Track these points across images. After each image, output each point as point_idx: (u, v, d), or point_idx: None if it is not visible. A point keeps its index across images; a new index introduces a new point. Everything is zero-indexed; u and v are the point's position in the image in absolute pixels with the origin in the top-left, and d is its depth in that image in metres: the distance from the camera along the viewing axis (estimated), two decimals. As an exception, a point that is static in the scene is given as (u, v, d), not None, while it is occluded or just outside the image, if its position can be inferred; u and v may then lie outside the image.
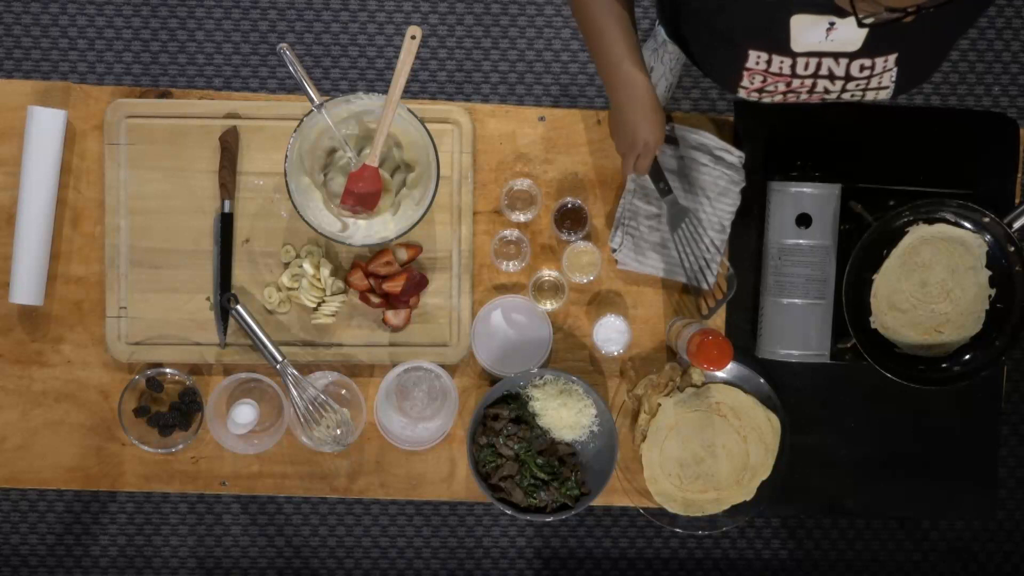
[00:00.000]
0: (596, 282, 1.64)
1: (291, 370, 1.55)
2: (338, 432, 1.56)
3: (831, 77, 1.35)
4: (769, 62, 1.33)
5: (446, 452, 1.65)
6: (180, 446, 1.58)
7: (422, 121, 1.48)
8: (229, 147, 1.57)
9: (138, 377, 1.57)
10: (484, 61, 2.49)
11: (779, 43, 1.30)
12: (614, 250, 1.62)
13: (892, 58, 1.31)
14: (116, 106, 1.58)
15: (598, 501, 1.59)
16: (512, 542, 2.56)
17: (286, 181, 1.46)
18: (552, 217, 1.61)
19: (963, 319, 1.56)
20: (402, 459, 1.65)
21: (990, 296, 1.56)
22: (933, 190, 1.59)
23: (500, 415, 1.57)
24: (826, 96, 1.40)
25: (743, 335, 1.64)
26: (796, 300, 1.57)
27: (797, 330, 1.58)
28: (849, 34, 1.27)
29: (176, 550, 2.54)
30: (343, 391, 1.60)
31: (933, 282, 1.55)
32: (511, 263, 1.60)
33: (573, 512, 1.57)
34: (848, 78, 1.34)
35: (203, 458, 1.65)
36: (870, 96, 1.40)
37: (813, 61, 1.32)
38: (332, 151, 1.56)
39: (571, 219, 1.60)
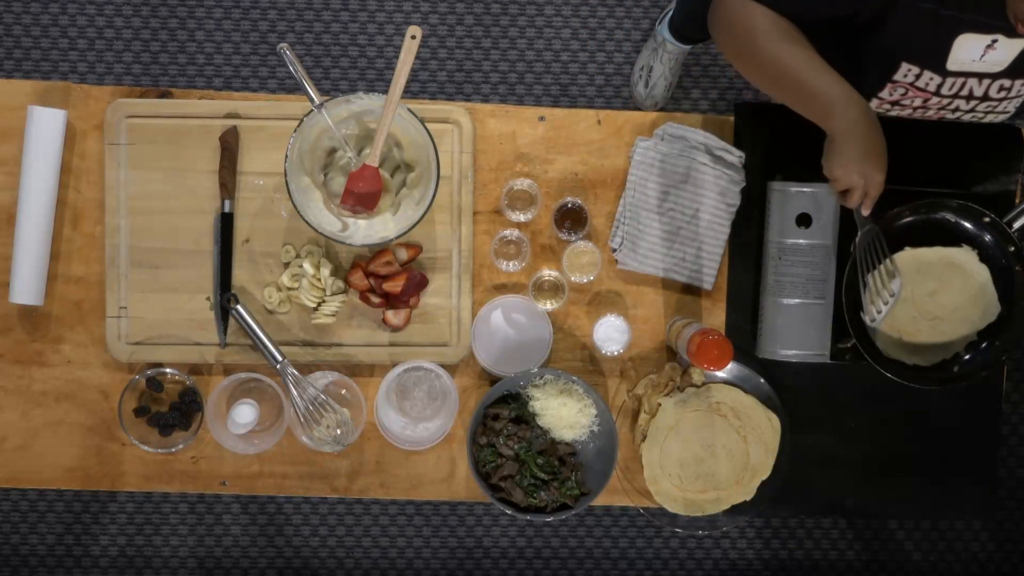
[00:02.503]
0: (596, 282, 1.64)
1: (291, 370, 1.55)
2: (338, 432, 1.56)
3: (969, 97, 1.35)
4: (918, 76, 1.32)
5: (446, 452, 1.65)
6: (180, 446, 1.58)
7: (422, 121, 1.48)
8: (229, 147, 1.58)
9: (138, 377, 1.57)
10: (484, 61, 2.49)
11: (935, 60, 1.29)
12: (614, 250, 1.62)
13: None
14: (116, 106, 1.58)
15: (598, 501, 1.59)
16: (512, 542, 2.56)
17: (286, 181, 1.46)
18: (552, 217, 1.61)
19: (950, 327, 1.57)
20: (402, 459, 1.65)
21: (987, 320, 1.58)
22: (933, 190, 1.59)
23: (500, 415, 1.57)
24: (949, 115, 1.41)
25: (743, 335, 1.64)
26: (796, 300, 1.57)
27: (797, 330, 1.58)
28: (1002, 55, 1.27)
29: (176, 550, 2.54)
30: (343, 391, 1.60)
31: (920, 294, 1.56)
32: (511, 263, 1.60)
33: (573, 512, 1.57)
34: (984, 98, 1.35)
35: (203, 458, 1.65)
36: (989, 119, 1.41)
37: (960, 81, 1.32)
38: (332, 151, 1.56)
39: (571, 219, 1.60)
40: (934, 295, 1.56)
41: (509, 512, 1.56)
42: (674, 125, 1.62)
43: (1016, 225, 1.53)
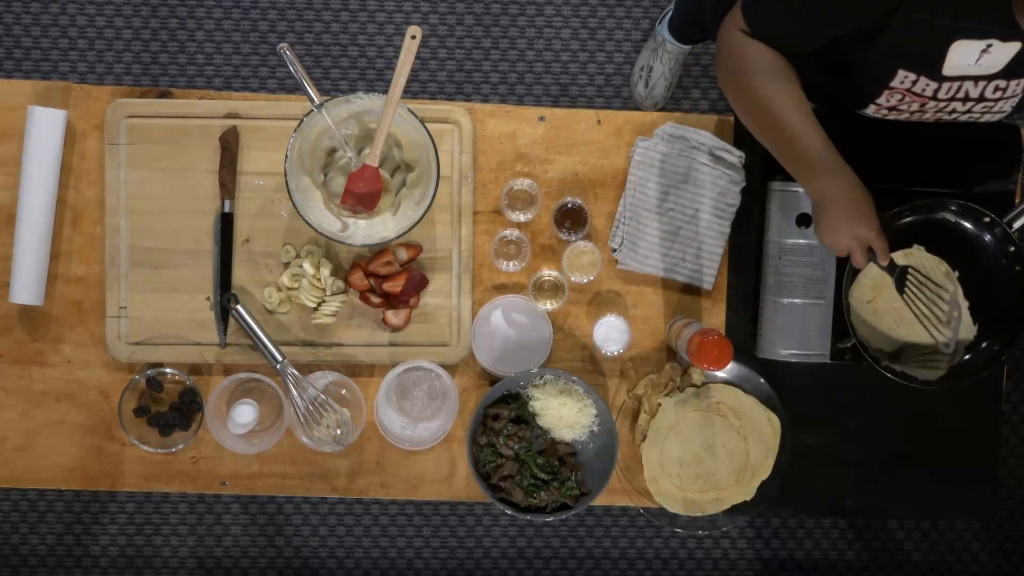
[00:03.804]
0: (596, 282, 1.64)
1: (291, 370, 1.55)
2: (338, 432, 1.56)
3: (965, 99, 1.35)
4: (915, 82, 1.33)
5: (446, 452, 1.65)
6: (180, 446, 1.58)
7: (422, 121, 1.48)
8: (229, 147, 1.58)
9: (138, 377, 1.57)
10: (484, 61, 2.49)
11: (931, 66, 1.29)
12: (614, 250, 1.62)
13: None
14: (116, 106, 1.58)
15: (598, 501, 1.59)
16: (512, 542, 2.56)
17: (286, 181, 1.46)
18: (552, 217, 1.61)
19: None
20: (402, 459, 1.65)
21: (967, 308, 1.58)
22: (933, 190, 1.59)
23: (500, 415, 1.57)
24: (946, 117, 1.41)
25: (743, 335, 1.64)
26: (796, 300, 1.57)
27: (797, 330, 1.58)
28: (997, 58, 1.27)
29: (176, 550, 2.54)
30: (343, 391, 1.60)
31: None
32: (511, 263, 1.60)
33: (573, 512, 1.57)
34: (980, 99, 1.35)
35: (203, 458, 1.65)
36: (986, 118, 1.41)
37: (956, 85, 1.32)
38: (332, 151, 1.56)
39: (571, 219, 1.60)
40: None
41: (509, 512, 1.56)
42: (674, 125, 1.62)
43: (1016, 225, 1.53)
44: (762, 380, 1.63)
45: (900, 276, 1.51)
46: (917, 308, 1.51)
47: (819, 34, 1.33)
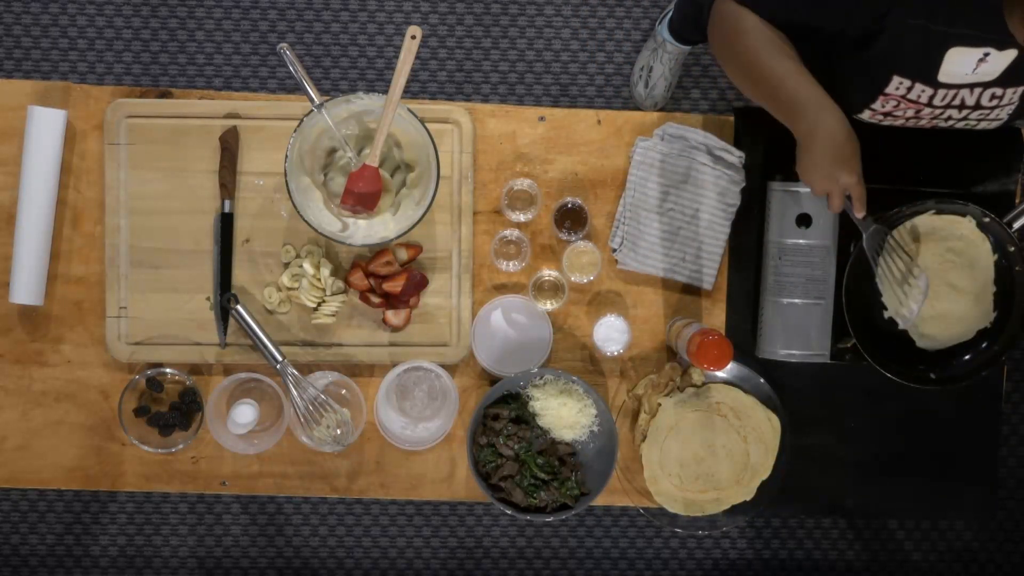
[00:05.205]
0: (596, 282, 1.64)
1: (291, 370, 1.55)
2: (338, 432, 1.56)
3: (961, 106, 1.35)
4: (910, 89, 1.33)
5: (446, 452, 1.65)
6: (180, 446, 1.58)
7: (422, 121, 1.48)
8: (229, 147, 1.58)
9: (138, 377, 1.57)
10: (484, 61, 2.49)
11: (927, 73, 1.30)
12: (614, 250, 1.62)
13: (1021, 90, 1.32)
14: (116, 106, 1.58)
15: (598, 501, 1.59)
16: (512, 542, 2.56)
17: (286, 181, 1.46)
18: (552, 217, 1.61)
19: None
20: (402, 459, 1.65)
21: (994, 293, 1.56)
22: (934, 190, 1.59)
23: (500, 415, 1.57)
24: (942, 123, 1.41)
25: (743, 335, 1.64)
26: (796, 300, 1.57)
27: (797, 330, 1.58)
28: (993, 67, 1.27)
29: (176, 550, 2.54)
30: (343, 391, 1.60)
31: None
32: (511, 263, 1.60)
33: (573, 512, 1.57)
34: (976, 107, 1.35)
35: (203, 458, 1.65)
36: (982, 126, 1.41)
37: (952, 92, 1.32)
38: (332, 151, 1.56)
39: (571, 219, 1.60)
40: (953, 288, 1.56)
41: (509, 512, 1.56)
42: (674, 125, 1.62)
43: (1016, 225, 1.53)
44: (762, 380, 1.63)
45: (875, 237, 1.46)
46: (883, 269, 1.49)
47: (805, 16, 1.33)
